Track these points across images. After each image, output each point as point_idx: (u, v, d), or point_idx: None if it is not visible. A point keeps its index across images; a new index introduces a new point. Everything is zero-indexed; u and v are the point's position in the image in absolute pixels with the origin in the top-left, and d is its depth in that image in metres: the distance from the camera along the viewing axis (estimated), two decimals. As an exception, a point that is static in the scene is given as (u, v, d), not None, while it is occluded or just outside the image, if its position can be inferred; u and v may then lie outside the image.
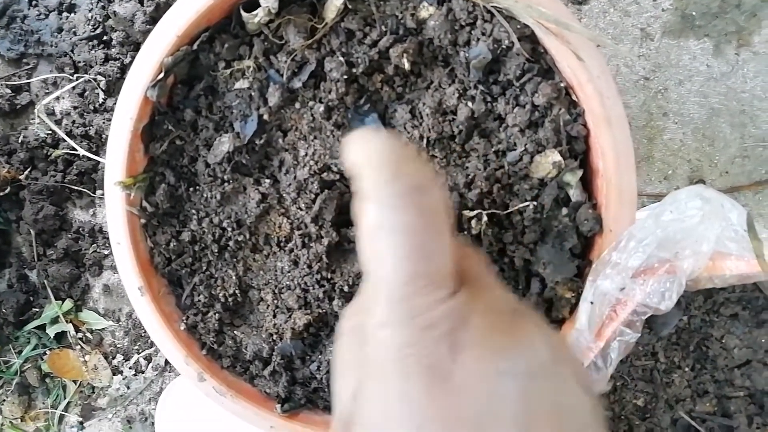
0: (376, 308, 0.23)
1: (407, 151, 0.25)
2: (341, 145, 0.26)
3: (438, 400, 0.22)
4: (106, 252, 0.74)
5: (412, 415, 0.22)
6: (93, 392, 0.76)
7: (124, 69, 0.71)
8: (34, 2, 0.74)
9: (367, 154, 0.24)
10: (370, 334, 0.24)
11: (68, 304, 0.73)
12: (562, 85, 0.39)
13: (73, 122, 0.72)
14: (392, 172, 0.23)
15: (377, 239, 0.23)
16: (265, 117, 0.41)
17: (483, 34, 0.39)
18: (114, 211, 0.42)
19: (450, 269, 0.23)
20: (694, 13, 0.66)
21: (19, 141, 0.73)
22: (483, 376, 0.22)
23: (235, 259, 0.44)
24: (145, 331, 0.67)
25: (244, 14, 0.40)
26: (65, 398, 0.75)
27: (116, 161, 0.41)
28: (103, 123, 0.71)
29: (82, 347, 0.74)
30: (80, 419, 0.75)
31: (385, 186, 0.23)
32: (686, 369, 0.52)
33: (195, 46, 0.41)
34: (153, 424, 0.74)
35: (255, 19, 0.40)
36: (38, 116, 0.72)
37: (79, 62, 0.72)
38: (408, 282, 0.22)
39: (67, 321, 0.73)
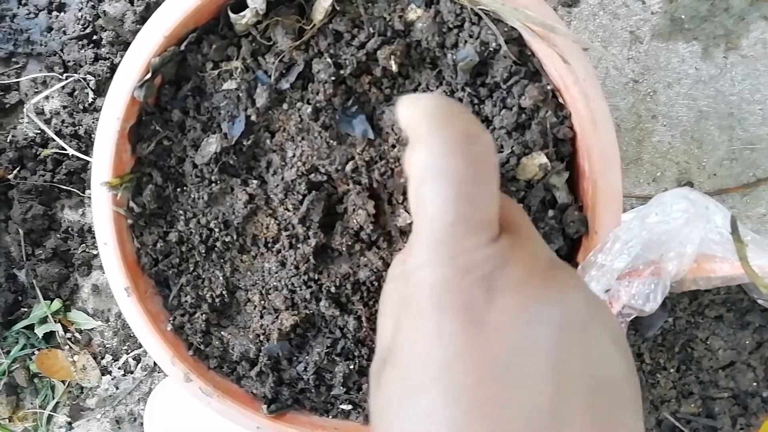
0: (419, 250, 0.24)
1: (458, 107, 0.26)
2: (397, 105, 0.27)
3: (469, 341, 0.22)
4: (95, 252, 0.74)
5: (442, 352, 0.22)
6: (82, 392, 0.75)
7: (113, 68, 0.71)
8: (23, 1, 0.74)
9: (420, 107, 0.25)
10: (411, 274, 0.24)
11: (57, 304, 0.73)
12: (548, 87, 0.39)
13: (63, 122, 0.72)
14: (443, 122, 0.24)
15: (425, 183, 0.24)
16: (253, 118, 0.41)
17: (470, 36, 0.39)
18: (101, 211, 0.42)
19: (494, 216, 0.24)
20: (683, 17, 0.67)
21: (8, 140, 0.72)
22: (517, 321, 0.22)
23: (222, 260, 0.44)
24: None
25: (232, 15, 0.40)
26: (54, 398, 0.75)
27: (103, 161, 0.41)
28: (93, 122, 0.71)
29: (70, 347, 0.74)
30: (69, 419, 0.75)
31: (436, 133, 0.24)
32: (671, 370, 0.52)
33: (183, 47, 0.41)
34: (142, 424, 0.74)
35: (243, 20, 0.40)
36: (27, 115, 0.72)
37: (69, 61, 0.71)
38: (452, 224, 0.23)
39: (55, 321, 0.73)
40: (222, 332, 0.45)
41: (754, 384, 0.50)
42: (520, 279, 0.23)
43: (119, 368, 0.75)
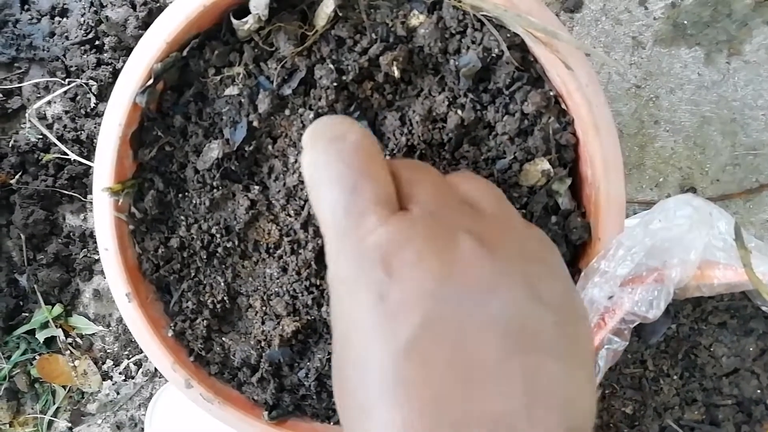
0: (327, 245, 0.26)
1: (333, 118, 0.29)
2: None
3: (378, 319, 0.23)
4: (96, 257, 0.74)
5: (357, 332, 0.23)
6: (82, 398, 0.75)
7: (116, 74, 0.71)
8: (26, 6, 0.74)
9: (308, 128, 0.28)
10: (329, 270, 0.26)
11: (58, 308, 0.73)
12: (551, 93, 0.39)
13: (65, 127, 0.72)
14: (313, 138, 0.27)
15: (312, 185, 0.26)
16: (255, 124, 0.41)
17: (473, 42, 0.39)
18: (102, 217, 0.42)
19: (385, 196, 0.25)
20: (685, 22, 0.66)
21: (10, 145, 0.72)
22: (417, 297, 0.23)
23: (223, 266, 0.44)
24: (135, 337, 0.67)
25: (234, 21, 0.40)
26: (54, 404, 0.75)
27: (104, 167, 0.41)
28: (95, 128, 0.71)
29: (71, 352, 0.74)
30: (69, 425, 0.75)
31: (309, 150, 0.27)
32: (675, 377, 0.52)
33: (185, 53, 0.41)
34: (143, 429, 0.74)
35: (245, 26, 0.40)
36: (29, 120, 0.72)
37: (71, 66, 0.72)
38: (344, 216, 0.25)
39: (56, 326, 0.73)
40: (223, 338, 0.45)
41: (758, 391, 0.50)
42: (419, 255, 0.24)
43: (120, 373, 0.74)
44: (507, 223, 0.28)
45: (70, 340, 0.74)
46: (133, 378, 0.74)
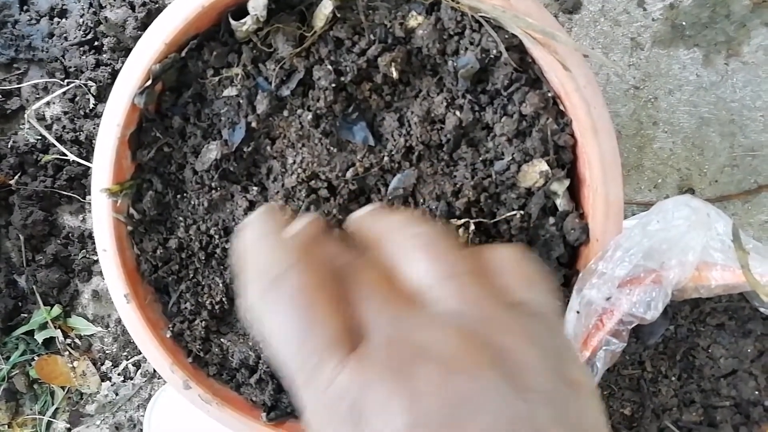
0: (298, 398, 0.24)
1: (262, 239, 0.26)
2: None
3: None
4: (95, 258, 0.74)
5: None
6: (81, 398, 0.75)
7: (114, 75, 0.71)
8: (25, 7, 0.74)
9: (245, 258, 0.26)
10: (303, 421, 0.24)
11: (57, 309, 0.73)
12: (549, 94, 0.39)
13: (64, 127, 0.72)
14: (254, 273, 0.25)
15: (266, 344, 0.24)
16: (253, 124, 0.41)
17: (471, 43, 0.39)
18: (100, 218, 0.42)
19: (336, 337, 0.23)
20: (684, 23, 0.67)
21: (9, 146, 0.72)
22: None
23: (222, 267, 0.44)
24: (134, 338, 0.67)
25: (232, 22, 0.40)
26: (53, 404, 0.75)
27: (103, 168, 0.41)
28: (94, 128, 0.71)
29: (70, 353, 0.74)
30: (68, 426, 0.75)
31: (251, 293, 0.25)
32: (673, 378, 0.52)
33: (183, 54, 0.41)
34: (141, 431, 0.74)
35: (244, 27, 0.40)
36: (28, 121, 0.72)
37: (70, 67, 0.72)
38: (301, 370, 0.23)
39: (55, 327, 0.73)
40: (221, 339, 0.45)
41: (756, 393, 0.50)
42: (382, 397, 0.22)
43: (119, 374, 0.74)
44: (491, 313, 0.25)
45: (68, 341, 0.74)
46: (131, 379, 0.74)
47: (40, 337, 0.73)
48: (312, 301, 0.24)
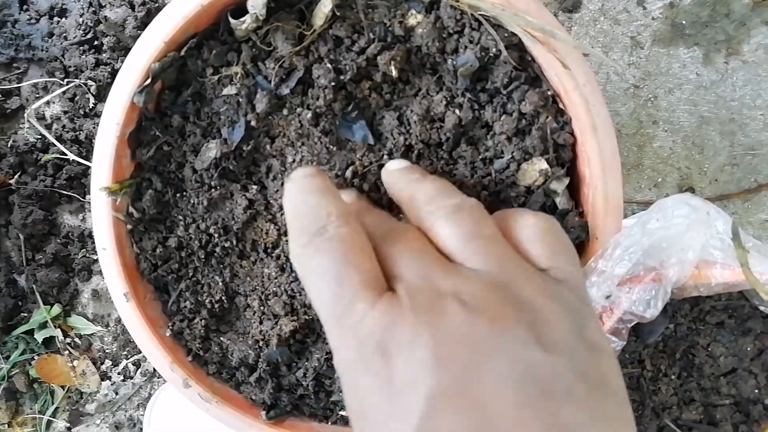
0: (328, 334, 0.26)
1: (310, 197, 0.29)
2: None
3: (388, 404, 0.23)
4: (95, 257, 0.74)
5: (371, 419, 0.24)
6: (81, 398, 0.75)
7: (114, 74, 0.71)
8: (25, 6, 0.74)
9: (288, 219, 0.30)
10: (334, 359, 0.26)
11: (57, 309, 0.73)
12: (549, 93, 0.39)
13: (64, 127, 0.72)
14: (297, 230, 0.28)
15: (306, 286, 0.27)
16: (253, 123, 0.41)
17: (471, 42, 0.39)
18: (100, 216, 0.42)
19: (370, 280, 0.26)
20: (684, 22, 0.67)
21: (9, 145, 0.72)
22: (420, 375, 0.23)
23: (221, 266, 0.44)
24: (134, 337, 0.67)
25: (232, 21, 0.40)
26: (53, 404, 0.75)
27: (102, 167, 0.41)
28: (94, 128, 0.71)
29: (70, 352, 0.74)
30: (68, 425, 0.75)
31: (295, 246, 0.28)
32: (672, 377, 0.52)
33: (183, 52, 0.41)
34: (141, 430, 0.74)
35: (243, 25, 0.40)
36: (28, 120, 0.72)
37: (70, 67, 0.72)
38: (335, 306, 0.25)
39: (55, 326, 0.73)
40: (221, 338, 0.45)
41: (756, 391, 0.50)
42: (410, 335, 0.24)
43: (119, 373, 0.74)
44: (515, 271, 0.27)
45: (68, 340, 0.74)
46: (131, 378, 0.74)
47: (40, 336, 0.73)
48: (349, 249, 0.26)
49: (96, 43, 0.72)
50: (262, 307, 0.44)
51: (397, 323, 0.24)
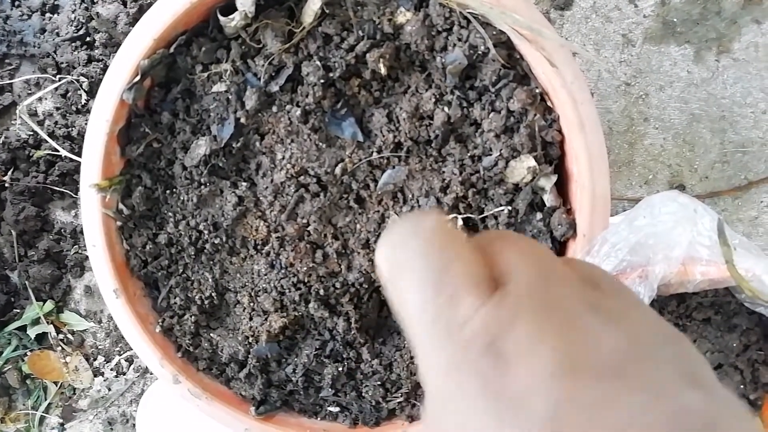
0: (416, 342, 0.22)
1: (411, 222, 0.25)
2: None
3: (501, 412, 0.20)
4: (87, 253, 0.74)
5: (468, 424, 0.21)
6: (74, 394, 0.75)
7: (106, 70, 0.71)
8: (16, 3, 0.74)
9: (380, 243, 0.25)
10: (423, 375, 0.22)
11: (49, 305, 0.73)
12: (537, 91, 0.39)
13: (56, 123, 0.72)
14: (389, 235, 0.24)
15: (395, 282, 0.23)
16: (243, 120, 0.41)
17: (459, 39, 0.39)
18: (90, 213, 0.42)
19: (477, 275, 0.22)
20: (675, 20, 0.67)
21: (1, 142, 0.72)
22: (544, 381, 0.20)
23: (211, 262, 0.44)
24: (126, 333, 0.67)
25: (221, 18, 0.40)
26: (46, 400, 0.75)
27: (92, 163, 0.41)
28: (86, 124, 0.71)
29: (63, 348, 0.74)
30: (61, 421, 0.75)
31: (384, 244, 0.24)
32: (660, 373, 0.52)
33: (172, 49, 0.41)
34: (134, 426, 0.74)
35: (232, 22, 0.40)
36: (20, 117, 0.72)
37: (62, 63, 0.71)
38: (434, 302, 0.22)
39: (48, 322, 0.73)
40: (211, 334, 0.45)
41: (742, 386, 0.50)
42: (531, 339, 0.21)
43: (111, 369, 0.75)
44: (628, 299, 0.24)
45: (61, 336, 0.74)
46: (124, 374, 0.74)
47: (32, 332, 0.73)
48: (451, 238, 0.23)
49: (88, 39, 0.72)
50: (252, 304, 0.44)
51: (516, 323, 0.21)
